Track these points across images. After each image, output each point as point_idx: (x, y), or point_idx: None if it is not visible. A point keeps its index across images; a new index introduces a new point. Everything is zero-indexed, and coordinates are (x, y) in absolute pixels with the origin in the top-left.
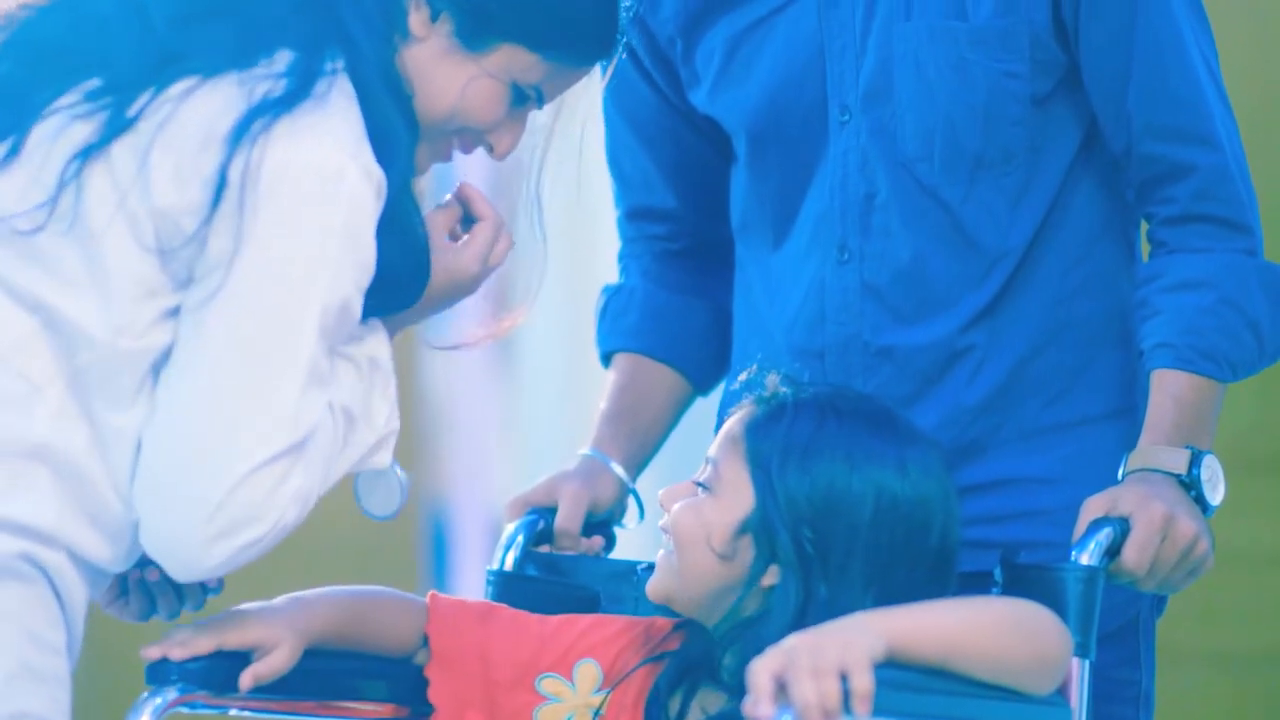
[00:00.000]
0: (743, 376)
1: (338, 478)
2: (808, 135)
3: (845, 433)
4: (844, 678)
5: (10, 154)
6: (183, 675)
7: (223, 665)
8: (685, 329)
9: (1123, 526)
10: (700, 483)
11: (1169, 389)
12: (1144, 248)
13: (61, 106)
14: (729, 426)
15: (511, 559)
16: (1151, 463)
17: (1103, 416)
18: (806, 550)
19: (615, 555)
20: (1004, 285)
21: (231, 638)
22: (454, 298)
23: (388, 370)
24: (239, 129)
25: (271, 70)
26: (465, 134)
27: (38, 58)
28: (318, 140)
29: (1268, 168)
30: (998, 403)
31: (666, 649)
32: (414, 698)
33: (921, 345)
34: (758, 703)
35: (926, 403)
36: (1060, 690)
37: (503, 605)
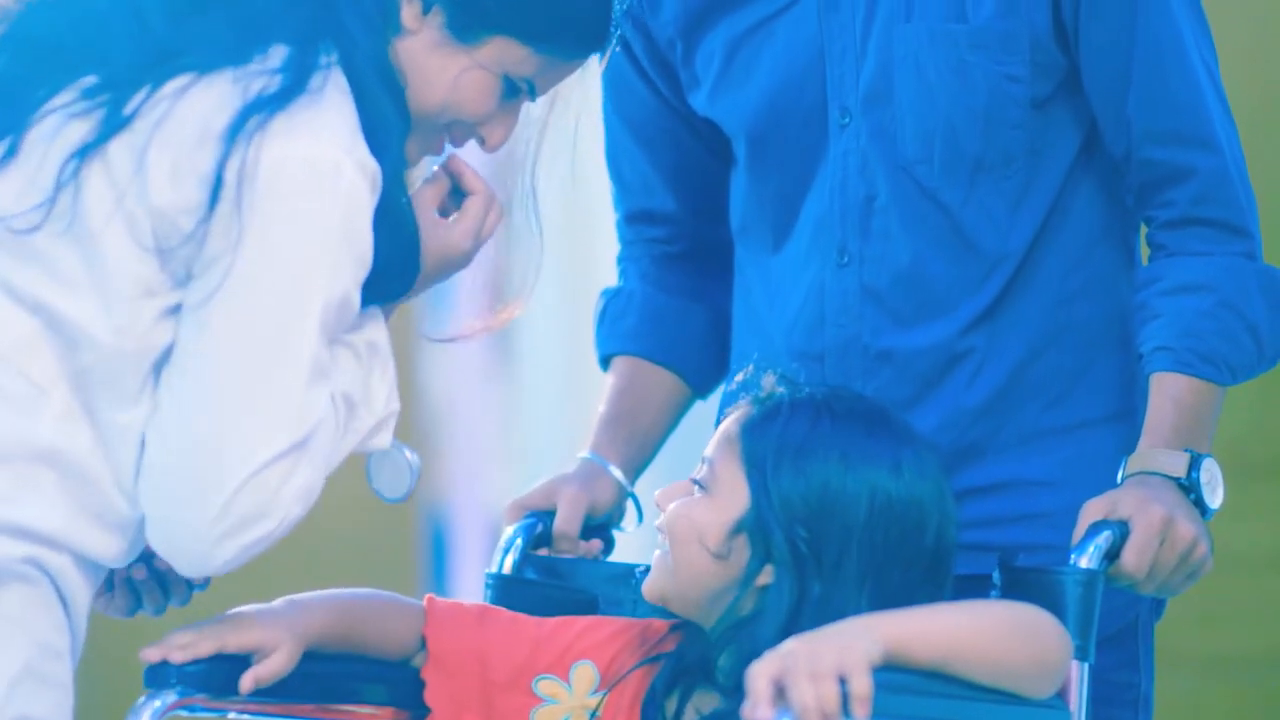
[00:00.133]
0: (739, 377)
1: (339, 462)
2: (807, 138)
3: (840, 433)
4: (843, 681)
5: (8, 154)
6: (182, 678)
7: (222, 668)
8: (684, 332)
9: (1122, 530)
10: (696, 480)
11: (1168, 392)
12: (1143, 251)
13: (58, 104)
14: (725, 426)
15: (510, 562)
16: (1151, 466)
17: (1102, 420)
18: (801, 550)
19: (614, 558)
20: (1004, 288)
21: (232, 640)
22: (446, 274)
23: (386, 353)
24: (234, 126)
25: (266, 66)
26: (457, 127)
27: (34, 54)
28: (313, 136)
29: (1267, 171)
30: (997, 406)
31: (663, 650)
32: (413, 701)
33: (921, 348)
34: (756, 706)
35: (926, 405)
36: (1059, 693)
37: (500, 608)
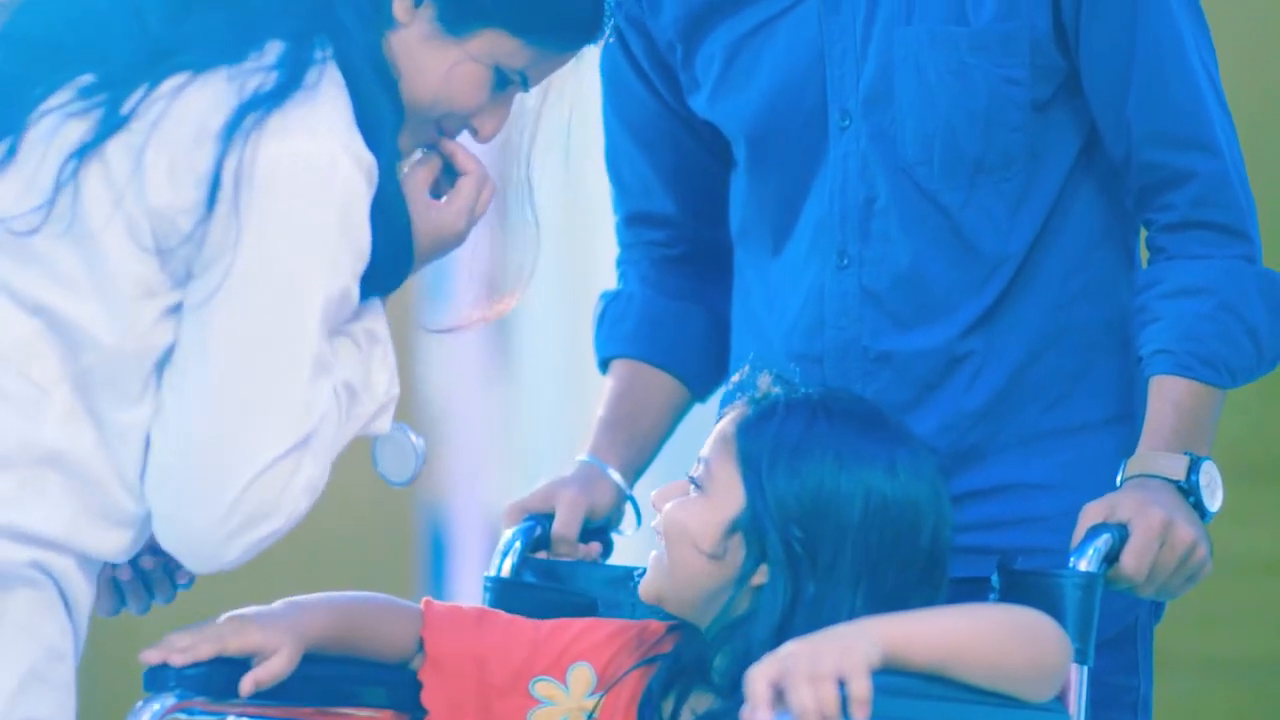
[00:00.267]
0: (736, 377)
1: (340, 449)
2: (808, 140)
3: (835, 433)
4: (842, 684)
5: (8, 156)
6: (180, 681)
7: (220, 671)
8: (683, 335)
9: (1121, 533)
10: (693, 478)
11: (1168, 395)
12: (1143, 254)
13: (55, 104)
14: (721, 426)
15: (509, 565)
16: (1150, 469)
17: (1102, 422)
18: (795, 550)
19: (613, 561)
20: (1003, 291)
21: (233, 643)
22: (440, 254)
23: (385, 340)
24: (231, 126)
25: (262, 63)
26: (448, 118)
27: (31, 52)
28: (309, 132)
29: (1266, 173)
30: (997, 408)
31: (660, 652)
32: (412, 703)
33: (921, 351)
34: (756, 709)
35: (925, 408)
36: (1059, 697)
37: (498, 610)
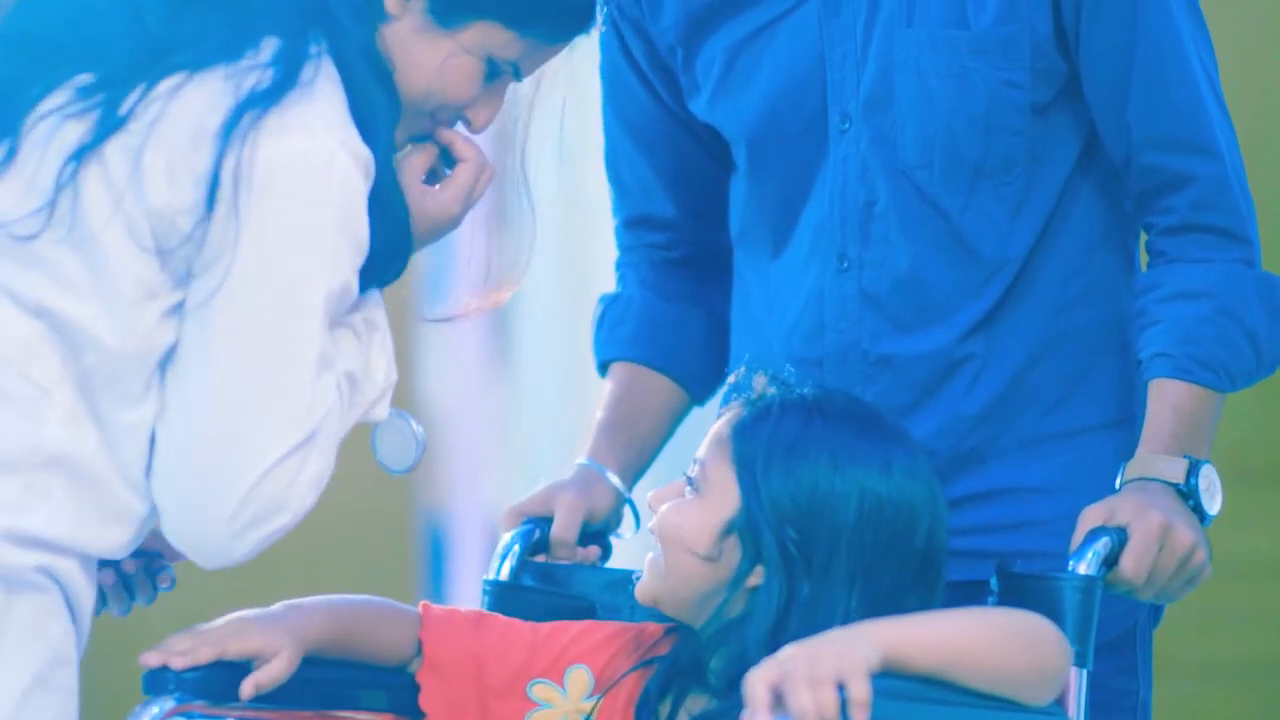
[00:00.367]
0: (732, 378)
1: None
2: (808, 143)
3: (830, 434)
4: (841, 687)
5: (7, 158)
6: (180, 684)
7: (221, 674)
8: (682, 338)
9: (1120, 536)
10: (689, 478)
11: (1167, 398)
12: (1143, 258)
13: (53, 104)
14: (717, 428)
15: (508, 569)
16: (1149, 472)
17: (1101, 426)
18: (790, 551)
19: (611, 564)
20: (1003, 294)
21: (232, 646)
22: (434, 238)
23: (384, 328)
24: (228, 125)
25: (258, 60)
26: (442, 110)
27: (29, 51)
28: (306, 129)
29: (1266, 175)
30: (996, 412)
31: (657, 654)
32: (412, 706)
33: (920, 354)
34: (755, 713)
35: (925, 412)
36: (1058, 700)
37: (496, 613)
